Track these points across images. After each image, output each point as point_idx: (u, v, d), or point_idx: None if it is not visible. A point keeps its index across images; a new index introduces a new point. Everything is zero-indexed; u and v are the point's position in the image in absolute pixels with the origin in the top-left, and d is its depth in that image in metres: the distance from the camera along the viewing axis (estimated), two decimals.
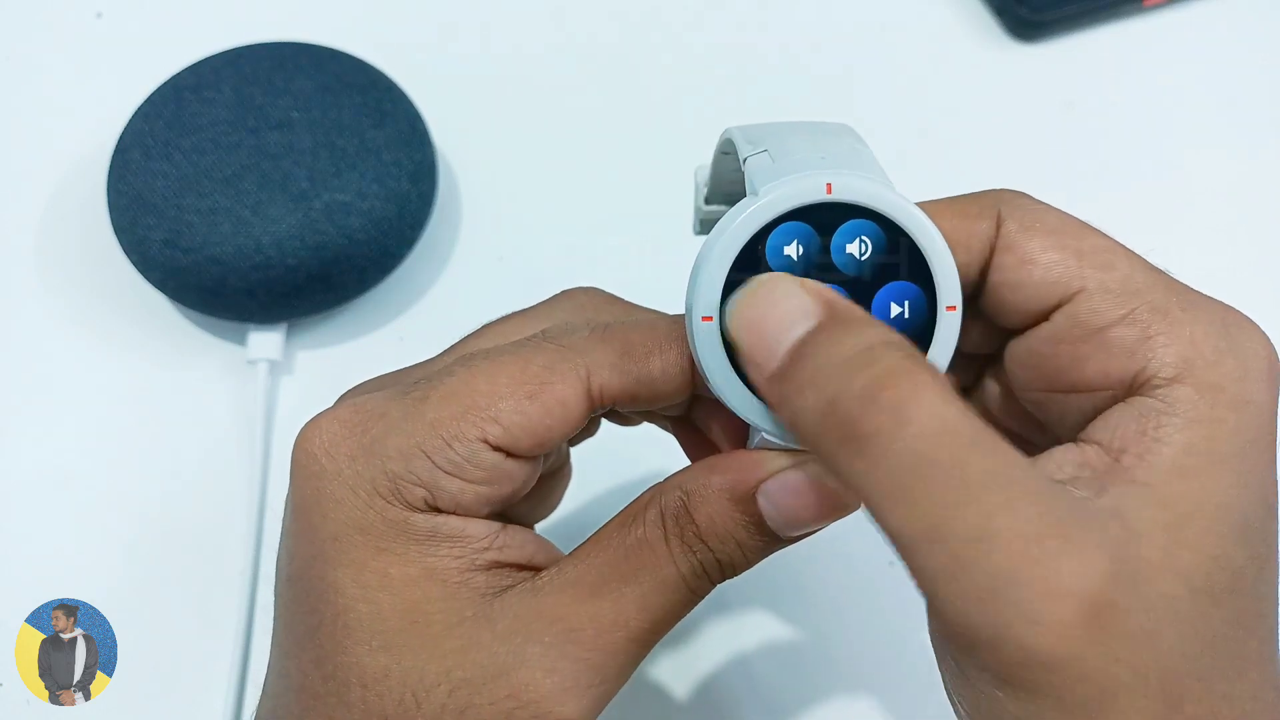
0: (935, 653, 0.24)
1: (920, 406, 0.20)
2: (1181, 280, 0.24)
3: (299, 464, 0.25)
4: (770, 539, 0.25)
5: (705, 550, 0.25)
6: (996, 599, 0.19)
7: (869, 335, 0.21)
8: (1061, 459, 0.23)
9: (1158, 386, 0.22)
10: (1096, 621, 0.19)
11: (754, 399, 0.24)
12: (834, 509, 0.25)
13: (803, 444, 0.23)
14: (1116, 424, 0.22)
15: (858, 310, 0.22)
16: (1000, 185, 0.25)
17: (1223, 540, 0.21)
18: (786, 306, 0.22)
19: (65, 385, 0.42)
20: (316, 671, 0.24)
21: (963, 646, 0.20)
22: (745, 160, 0.25)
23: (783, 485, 0.24)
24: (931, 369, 0.20)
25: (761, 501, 0.24)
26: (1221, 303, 0.23)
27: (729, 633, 0.38)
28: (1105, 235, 0.24)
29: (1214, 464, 0.22)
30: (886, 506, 0.20)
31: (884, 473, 0.19)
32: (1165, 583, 0.21)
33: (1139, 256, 0.24)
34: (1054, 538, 0.19)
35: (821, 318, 0.22)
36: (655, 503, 0.25)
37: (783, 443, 0.24)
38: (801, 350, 0.21)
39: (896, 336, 0.21)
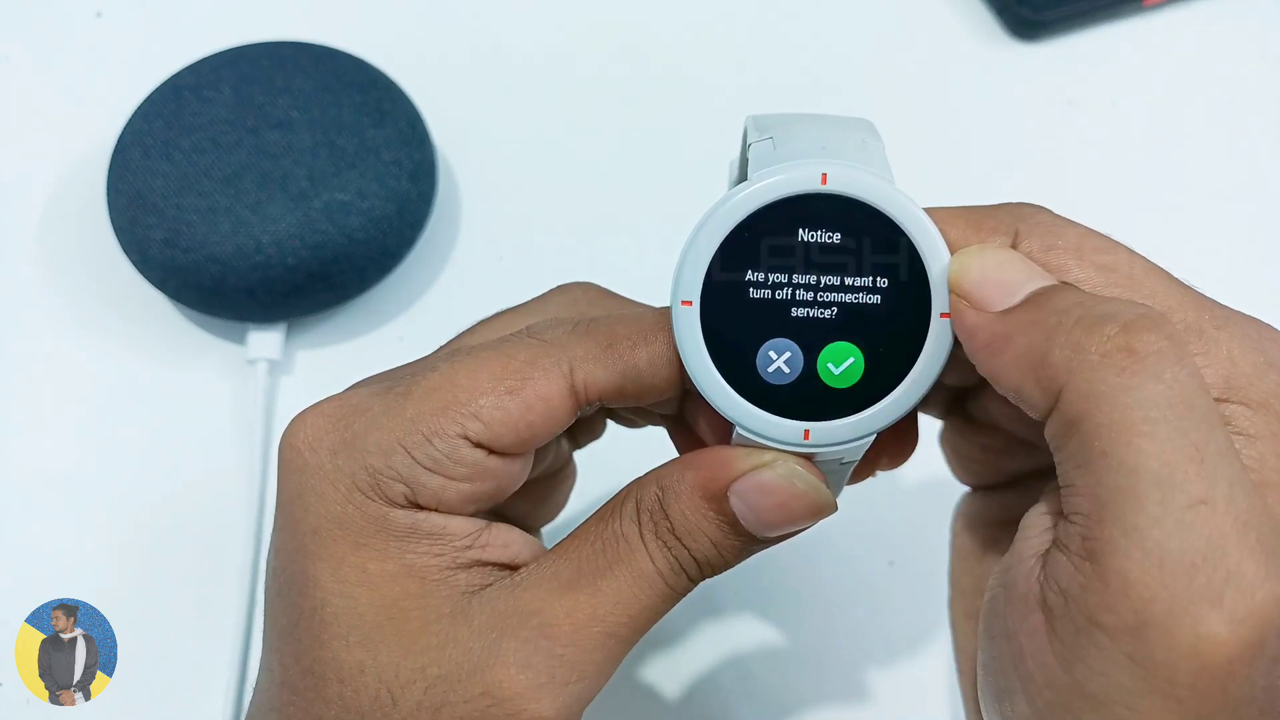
0: (985, 623, 0.23)
1: (1188, 353, 0.20)
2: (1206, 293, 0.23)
3: (283, 458, 0.25)
4: (748, 539, 0.24)
5: (680, 547, 0.24)
6: (1196, 574, 0.18)
7: None
8: None
9: None
10: (1266, 646, 0.18)
11: (728, 388, 0.23)
12: (808, 511, 0.24)
13: (1003, 361, 0.22)
14: None
15: None
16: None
17: None
18: (1028, 266, 0.22)
19: (65, 385, 0.42)
20: (296, 666, 0.24)
21: (1117, 618, 0.19)
22: (750, 146, 0.24)
23: (755, 485, 0.24)
24: None
25: (734, 501, 0.24)
26: (1250, 317, 0.23)
27: (723, 634, 0.38)
28: (1129, 250, 0.24)
29: None
30: (1130, 433, 0.19)
31: (1148, 394, 0.19)
32: None
33: (1165, 271, 0.23)
34: (1267, 535, 0.19)
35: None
36: (633, 496, 0.25)
37: (757, 438, 0.24)
38: (1055, 289, 0.22)
39: None
